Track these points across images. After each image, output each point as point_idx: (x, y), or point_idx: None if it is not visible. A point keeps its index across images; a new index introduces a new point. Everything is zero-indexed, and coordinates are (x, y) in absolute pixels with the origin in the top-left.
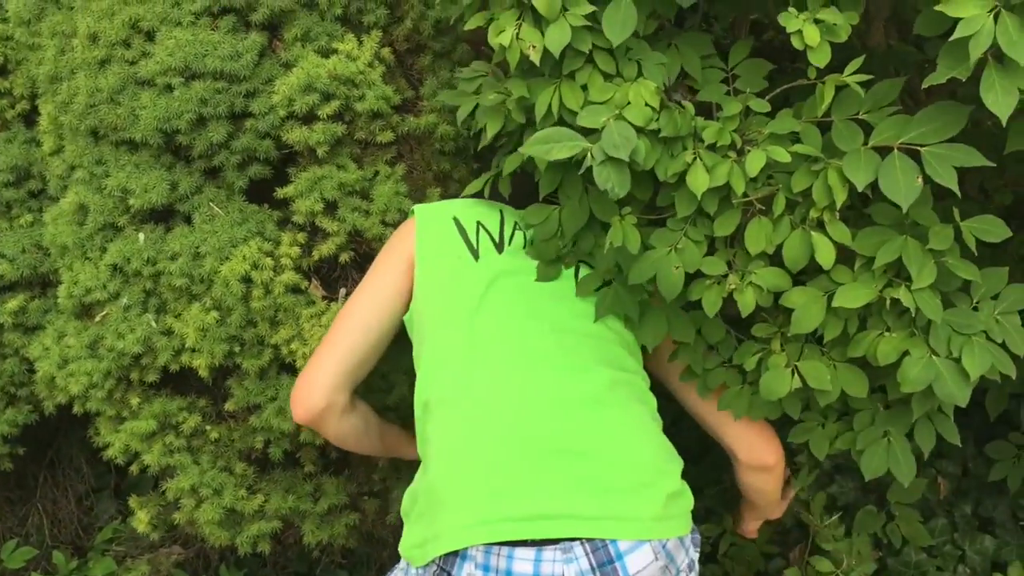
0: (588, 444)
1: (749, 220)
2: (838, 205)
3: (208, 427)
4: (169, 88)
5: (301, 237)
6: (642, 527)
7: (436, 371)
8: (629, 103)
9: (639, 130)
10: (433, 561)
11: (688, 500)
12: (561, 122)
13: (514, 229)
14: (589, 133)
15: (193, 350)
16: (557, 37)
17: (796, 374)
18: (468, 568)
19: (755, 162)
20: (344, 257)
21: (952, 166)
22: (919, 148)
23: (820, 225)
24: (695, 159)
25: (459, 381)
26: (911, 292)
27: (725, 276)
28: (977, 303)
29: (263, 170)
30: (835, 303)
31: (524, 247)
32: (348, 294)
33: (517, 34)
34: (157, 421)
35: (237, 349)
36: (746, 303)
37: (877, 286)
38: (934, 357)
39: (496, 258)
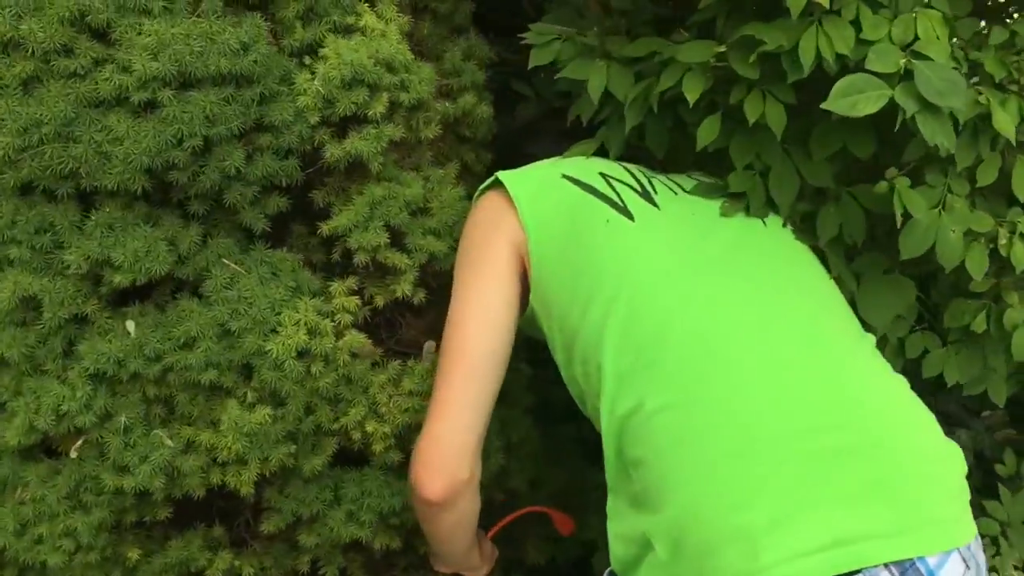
0: (868, 435)
1: (1011, 165)
2: None
3: (238, 562)
4: (152, 106)
5: (352, 282)
6: (947, 533)
7: (640, 371)
8: (918, 38)
9: None
10: None
11: (967, 487)
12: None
13: (647, 176)
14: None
15: (224, 464)
16: None
17: None
18: None
19: None
20: (420, 296)
21: None
22: None
23: None
24: (987, 99)
25: (682, 378)
26: None
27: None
28: None
29: (282, 203)
30: None
31: (676, 195)
32: (438, 347)
33: None
34: (176, 574)
35: (292, 448)
36: (1019, 258)
37: None
38: None
39: (656, 214)
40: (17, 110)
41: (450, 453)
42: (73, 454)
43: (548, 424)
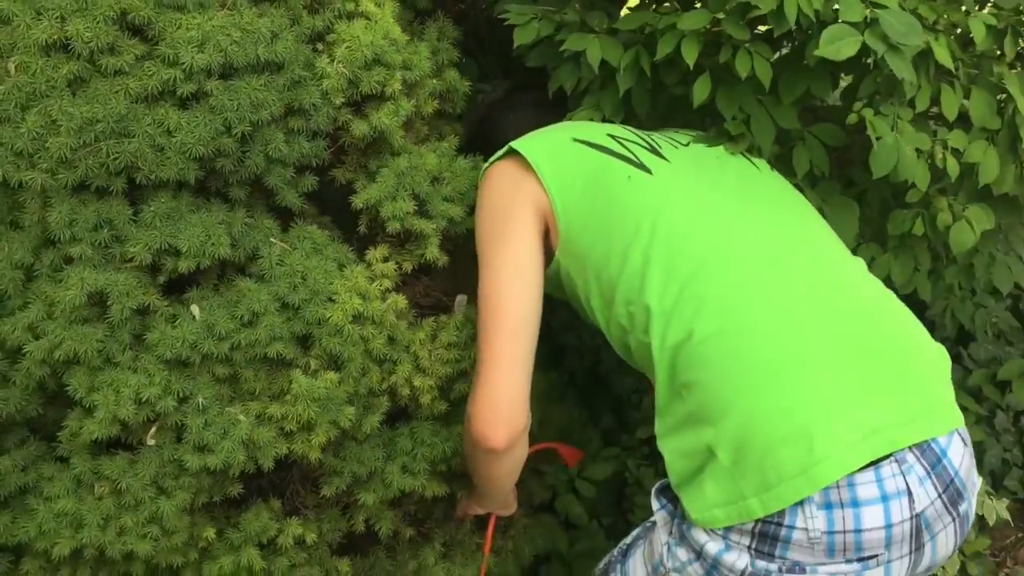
0: (881, 337)
1: (937, 91)
2: None
3: (301, 530)
4: (197, 97)
5: (383, 250)
6: (948, 416)
7: (685, 305)
8: None
9: None
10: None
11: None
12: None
13: (647, 134)
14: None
15: (290, 433)
16: None
17: (969, 223)
18: (806, 511)
19: (980, 29)
20: (443, 260)
21: None
22: None
23: (1002, 80)
24: (926, 39)
25: (726, 307)
26: None
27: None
28: None
29: (312, 182)
30: None
31: (677, 148)
32: (469, 301)
33: None
34: (254, 546)
35: (352, 411)
36: (952, 168)
37: None
38: None
39: (668, 166)
40: (70, 111)
41: (508, 406)
42: (150, 441)
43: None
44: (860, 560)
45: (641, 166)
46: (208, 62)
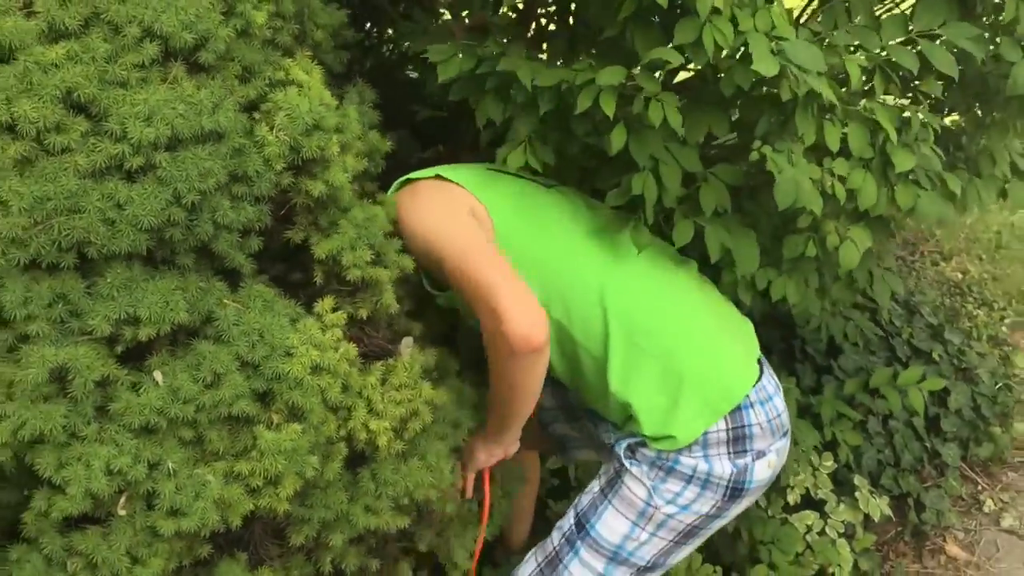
0: (726, 306)
1: (820, 126)
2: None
3: None
4: (145, 169)
5: (331, 301)
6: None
7: (625, 296)
8: (775, 27)
9: None
10: (723, 419)
11: None
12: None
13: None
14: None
15: (255, 490)
16: None
17: (853, 243)
18: (755, 410)
19: (855, 70)
20: (396, 308)
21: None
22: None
23: (873, 114)
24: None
25: (656, 279)
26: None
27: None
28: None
29: (257, 243)
30: (897, 169)
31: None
32: (416, 342)
33: None
34: None
35: (316, 459)
36: (840, 193)
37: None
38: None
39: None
40: (19, 190)
41: (533, 301)
42: (121, 512)
43: None
44: (784, 435)
45: (548, 184)
46: (156, 135)
